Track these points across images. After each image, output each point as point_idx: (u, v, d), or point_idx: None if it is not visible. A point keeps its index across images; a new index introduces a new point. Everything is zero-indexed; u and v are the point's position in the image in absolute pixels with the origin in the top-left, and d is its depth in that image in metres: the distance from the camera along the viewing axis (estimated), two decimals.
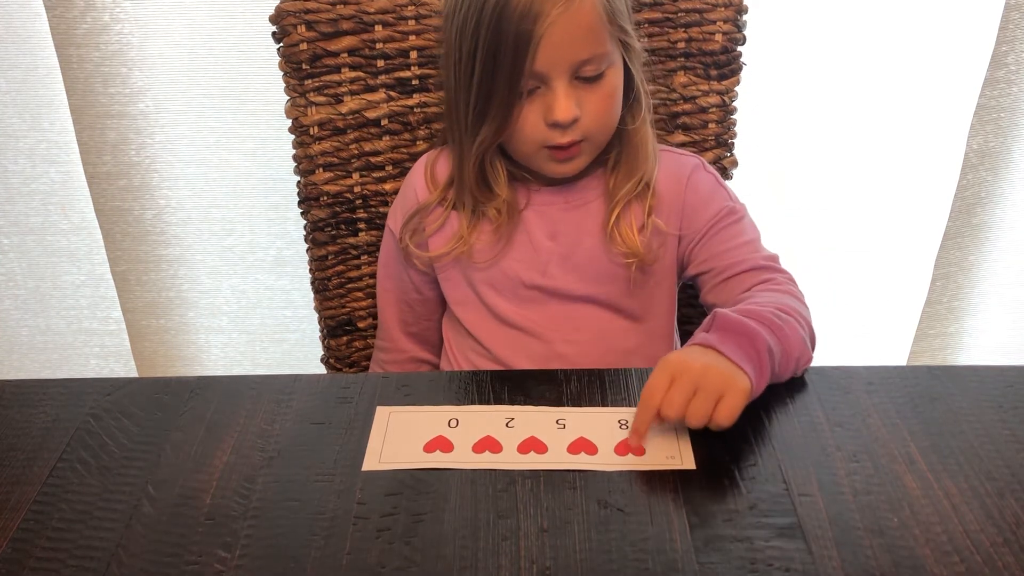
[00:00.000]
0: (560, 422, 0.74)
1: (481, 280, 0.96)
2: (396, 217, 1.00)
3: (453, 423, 0.75)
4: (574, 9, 0.83)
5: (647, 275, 0.95)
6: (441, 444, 0.72)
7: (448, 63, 0.90)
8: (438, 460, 0.71)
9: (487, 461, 0.70)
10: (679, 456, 0.70)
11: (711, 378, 0.70)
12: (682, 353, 0.73)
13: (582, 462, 0.70)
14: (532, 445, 0.72)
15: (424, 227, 0.97)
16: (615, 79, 0.89)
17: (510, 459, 0.71)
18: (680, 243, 0.96)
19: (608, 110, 0.89)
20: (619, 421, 0.74)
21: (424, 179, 0.97)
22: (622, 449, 0.71)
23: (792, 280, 0.90)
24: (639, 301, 0.96)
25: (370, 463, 0.71)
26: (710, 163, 1.03)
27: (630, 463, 0.70)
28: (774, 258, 0.93)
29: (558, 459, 0.70)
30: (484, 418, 0.75)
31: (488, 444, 0.72)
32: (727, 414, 0.70)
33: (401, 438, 0.73)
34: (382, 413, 0.76)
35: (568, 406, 0.76)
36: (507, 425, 0.74)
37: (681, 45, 1.00)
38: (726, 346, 0.73)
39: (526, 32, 0.83)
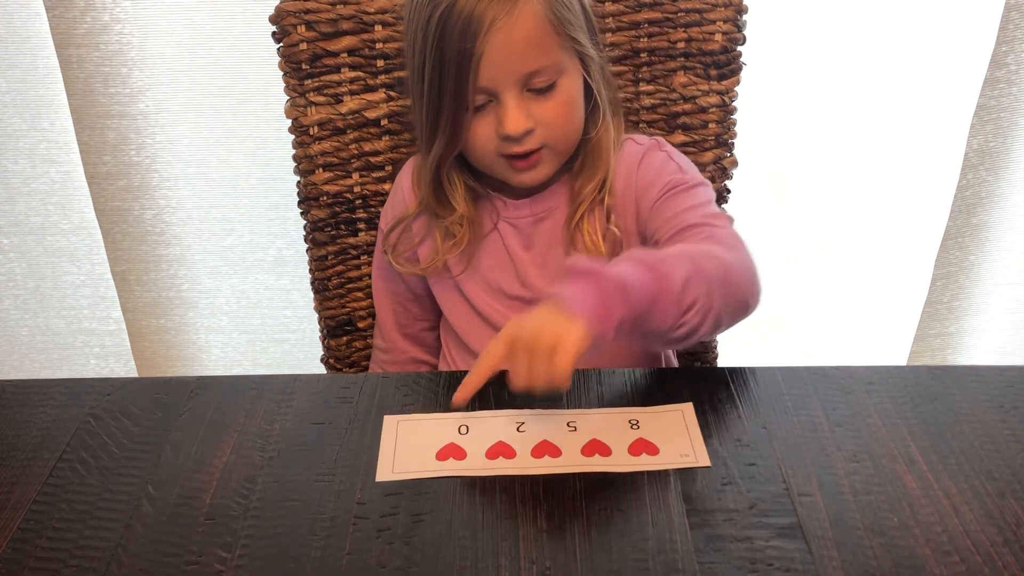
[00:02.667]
0: (571, 424, 0.73)
1: (469, 289, 0.96)
2: (387, 218, 1.00)
3: (463, 430, 0.74)
4: (514, 23, 0.82)
5: None
6: (454, 452, 0.71)
7: (407, 77, 0.91)
8: (453, 468, 0.70)
9: (502, 467, 0.69)
10: (693, 453, 0.70)
11: (541, 340, 0.68)
12: (522, 317, 0.71)
13: (597, 464, 0.69)
14: (546, 449, 0.71)
15: (412, 236, 0.97)
16: (569, 88, 0.88)
17: (525, 464, 0.70)
18: (638, 226, 0.94)
19: (565, 119, 0.88)
20: (630, 421, 0.73)
21: (412, 183, 0.97)
22: (636, 449, 0.71)
23: (727, 228, 0.85)
24: None
25: (383, 474, 0.69)
26: (710, 163, 1.03)
27: (645, 463, 0.69)
28: (717, 215, 0.88)
29: (573, 462, 0.70)
30: (494, 423, 0.74)
31: (501, 450, 0.71)
32: (558, 370, 0.68)
33: (412, 447, 0.72)
34: (390, 422, 0.75)
35: (567, 407, 0.76)
36: (518, 430, 0.73)
37: (681, 45, 1.00)
38: (567, 294, 0.70)
39: (467, 49, 0.82)
